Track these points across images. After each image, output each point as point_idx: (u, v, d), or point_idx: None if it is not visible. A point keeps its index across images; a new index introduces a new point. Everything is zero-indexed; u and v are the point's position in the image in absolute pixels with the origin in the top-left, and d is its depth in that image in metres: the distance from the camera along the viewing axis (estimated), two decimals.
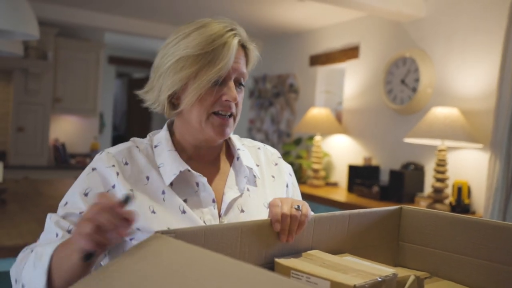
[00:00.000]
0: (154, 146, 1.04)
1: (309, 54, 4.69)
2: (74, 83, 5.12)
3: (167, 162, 1.00)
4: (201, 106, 0.97)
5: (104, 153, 1.01)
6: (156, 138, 1.06)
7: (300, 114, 4.71)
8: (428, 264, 1.00)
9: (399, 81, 3.61)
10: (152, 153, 1.03)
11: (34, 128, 4.85)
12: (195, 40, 0.95)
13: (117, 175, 0.97)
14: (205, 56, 0.94)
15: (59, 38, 4.97)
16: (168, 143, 1.03)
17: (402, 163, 3.56)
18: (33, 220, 2.03)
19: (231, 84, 0.98)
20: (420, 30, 3.52)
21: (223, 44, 0.95)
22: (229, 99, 0.97)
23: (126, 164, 0.99)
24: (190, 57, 0.95)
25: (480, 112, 3.05)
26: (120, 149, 1.02)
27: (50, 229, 0.95)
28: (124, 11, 4.58)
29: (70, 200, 0.97)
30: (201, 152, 1.06)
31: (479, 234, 0.94)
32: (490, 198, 2.81)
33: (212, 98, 0.97)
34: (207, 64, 0.94)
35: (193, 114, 0.99)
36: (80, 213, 0.94)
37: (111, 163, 0.98)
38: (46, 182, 3.34)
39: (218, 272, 0.52)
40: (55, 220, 0.95)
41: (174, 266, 0.54)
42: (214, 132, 0.98)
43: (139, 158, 1.01)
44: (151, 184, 0.98)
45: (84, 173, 1.00)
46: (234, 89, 0.98)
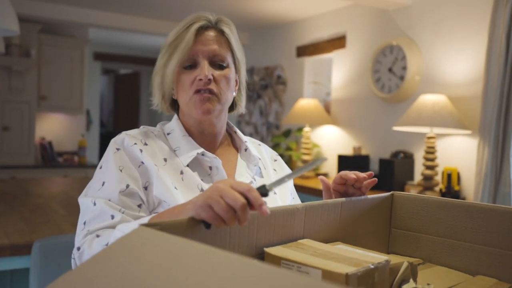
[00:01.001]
0: (166, 133, 1.12)
1: (296, 45, 4.66)
2: (59, 81, 5.04)
3: (183, 145, 1.08)
4: (183, 91, 1.07)
5: (123, 134, 1.06)
6: (167, 127, 1.14)
7: (289, 105, 4.69)
8: (421, 250, 0.99)
9: (387, 69, 3.60)
10: (166, 139, 1.10)
11: (20, 127, 4.77)
12: (172, 32, 1.08)
13: (141, 152, 1.02)
14: (172, 44, 1.06)
15: (42, 35, 4.88)
16: (181, 129, 1.11)
17: (391, 152, 3.57)
18: (20, 219, 1.99)
19: (203, 64, 1.05)
20: (407, 18, 3.51)
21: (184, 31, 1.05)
22: (201, 77, 1.03)
23: (145, 144, 1.05)
24: (164, 47, 1.09)
25: (468, 98, 3.06)
26: (137, 132, 1.08)
27: (102, 212, 0.95)
28: (108, 6, 4.51)
29: (108, 179, 0.99)
30: (207, 140, 1.13)
31: (471, 218, 0.93)
32: (479, 184, 2.82)
33: (189, 81, 1.05)
34: (174, 50, 1.05)
35: (181, 101, 1.09)
36: (127, 187, 0.97)
37: (132, 141, 1.04)
38: (34, 182, 3.29)
39: (206, 264, 0.50)
40: (104, 202, 0.96)
41: (159, 260, 0.52)
42: (197, 109, 1.05)
43: (156, 141, 1.08)
44: (169, 165, 1.04)
45: (109, 155, 1.03)
46: (206, 67, 1.04)
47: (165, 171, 1.02)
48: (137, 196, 0.99)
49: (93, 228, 0.94)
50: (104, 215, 0.95)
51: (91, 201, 0.98)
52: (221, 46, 1.08)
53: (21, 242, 1.65)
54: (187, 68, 1.06)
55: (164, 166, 1.03)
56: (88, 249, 0.91)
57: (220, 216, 0.70)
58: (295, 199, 1.27)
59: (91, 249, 0.90)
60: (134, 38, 6.14)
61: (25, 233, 1.77)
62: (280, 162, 1.27)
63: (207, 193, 0.72)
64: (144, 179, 1.01)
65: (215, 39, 1.07)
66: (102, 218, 0.95)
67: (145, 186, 1.01)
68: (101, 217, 0.95)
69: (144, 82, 7.80)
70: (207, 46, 1.06)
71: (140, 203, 0.99)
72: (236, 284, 0.46)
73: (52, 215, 2.12)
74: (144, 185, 1.01)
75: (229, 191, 0.70)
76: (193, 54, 1.05)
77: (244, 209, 0.69)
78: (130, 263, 0.52)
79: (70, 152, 5.32)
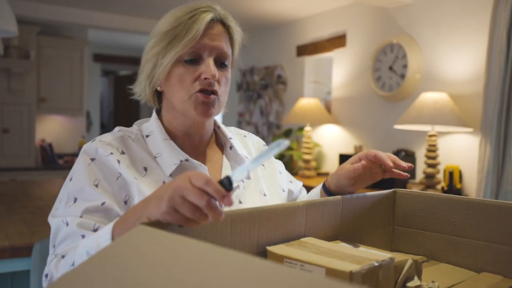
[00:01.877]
0: (145, 136, 0.99)
1: (296, 44, 4.65)
2: (58, 82, 5.03)
3: (165, 151, 0.96)
4: (181, 87, 0.95)
5: (97, 141, 0.94)
6: (145, 128, 1.01)
7: (289, 105, 4.68)
8: (424, 247, 0.98)
9: (387, 68, 3.59)
10: (145, 143, 0.98)
11: (20, 129, 4.76)
12: (167, 19, 0.96)
13: (118, 163, 0.92)
14: (172, 31, 0.93)
15: (41, 37, 4.88)
16: (162, 132, 0.99)
17: (393, 150, 3.55)
18: (20, 221, 1.98)
19: (209, 61, 0.94)
20: (407, 16, 3.50)
21: (191, 18, 0.93)
22: (207, 76, 0.93)
23: (122, 153, 0.94)
24: (159, 33, 0.95)
25: (469, 96, 3.05)
26: (114, 137, 0.96)
27: (72, 233, 0.85)
28: (107, 7, 4.51)
29: (80, 195, 0.89)
30: (192, 141, 1.02)
31: (475, 215, 0.92)
32: (481, 182, 2.81)
33: (191, 77, 0.94)
34: (174, 38, 0.93)
35: (175, 97, 0.96)
36: (102, 204, 0.87)
37: (108, 151, 0.92)
38: (34, 184, 3.28)
39: (207, 263, 0.49)
40: (75, 222, 0.86)
41: (159, 258, 0.51)
42: (197, 111, 0.95)
43: (134, 147, 0.96)
44: (150, 175, 0.94)
45: (82, 165, 0.92)
46: (212, 66, 0.94)
47: (146, 183, 0.92)
48: (114, 213, 0.89)
49: (60, 252, 0.85)
50: (74, 237, 0.85)
51: (62, 221, 0.87)
52: (227, 43, 0.98)
53: (21, 244, 1.64)
54: (188, 62, 0.94)
55: (145, 177, 0.93)
56: (55, 273, 0.82)
57: (189, 218, 0.64)
58: (294, 182, 1.19)
59: (59, 271, 0.82)
60: (134, 39, 6.13)
61: (26, 235, 1.76)
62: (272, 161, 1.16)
63: (168, 194, 0.65)
64: (124, 193, 0.91)
65: (222, 35, 0.97)
66: (72, 240, 0.86)
67: (125, 200, 0.91)
68: (71, 239, 0.86)
69: None
70: (215, 41, 0.95)
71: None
72: (238, 283, 0.45)
73: None
74: (124, 199, 0.91)
75: (190, 189, 0.63)
76: (199, 48, 0.94)
77: (210, 206, 0.62)
78: (130, 262, 0.51)
79: (70, 154, 5.31)
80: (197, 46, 0.93)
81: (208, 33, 0.94)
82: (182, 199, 0.63)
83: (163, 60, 0.94)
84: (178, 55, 0.93)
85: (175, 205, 0.64)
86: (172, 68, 0.95)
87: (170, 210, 0.64)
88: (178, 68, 0.95)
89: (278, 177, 1.13)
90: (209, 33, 0.94)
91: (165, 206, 0.64)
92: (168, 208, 0.64)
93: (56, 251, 0.87)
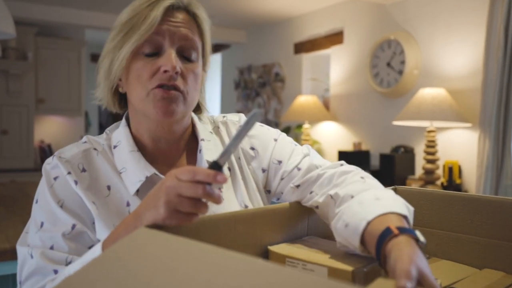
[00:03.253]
0: (113, 146, 0.88)
1: (293, 42, 4.65)
2: (56, 83, 5.02)
3: (130, 166, 0.84)
4: (139, 83, 0.82)
5: (56, 158, 0.84)
6: (114, 137, 0.90)
7: (287, 102, 4.68)
8: (426, 244, 0.98)
9: (385, 64, 3.59)
10: (111, 156, 0.87)
11: (19, 130, 4.75)
12: (127, 8, 0.85)
13: (75, 184, 0.81)
14: (129, 22, 0.82)
15: (38, 38, 4.87)
16: (129, 142, 0.87)
17: (392, 147, 3.56)
18: (21, 223, 1.98)
19: (169, 52, 0.81)
20: (404, 12, 3.50)
21: (148, 6, 0.81)
22: (167, 68, 0.80)
23: (83, 171, 0.83)
24: (117, 26, 0.85)
25: (467, 91, 3.05)
26: (75, 152, 0.85)
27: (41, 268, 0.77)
28: (104, 7, 4.50)
29: (47, 219, 0.80)
30: (163, 149, 0.90)
31: (476, 211, 0.92)
32: (481, 177, 2.82)
33: (149, 72, 0.82)
34: (131, 29, 0.81)
35: (134, 96, 0.84)
36: (73, 227, 0.79)
37: (66, 169, 0.82)
38: (34, 185, 3.27)
39: (210, 264, 0.49)
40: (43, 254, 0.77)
41: (163, 260, 0.51)
42: (156, 109, 0.82)
43: (98, 163, 0.85)
44: (113, 195, 0.83)
45: (45, 187, 0.83)
46: (174, 57, 0.81)
47: (107, 206, 0.82)
48: (86, 236, 0.80)
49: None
50: (43, 272, 0.77)
51: (28, 252, 0.79)
52: (193, 33, 0.85)
53: None
54: (147, 55, 0.82)
55: (107, 197, 0.83)
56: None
57: (191, 213, 0.63)
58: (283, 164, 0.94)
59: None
60: None
61: None
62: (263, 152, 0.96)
63: (162, 199, 0.62)
64: (91, 214, 0.82)
65: (187, 23, 0.84)
66: (42, 275, 0.77)
67: (93, 221, 0.82)
68: (40, 274, 0.77)
69: None
70: (177, 28, 0.82)
71: (92, 244, 0.80)
72: (242, 284, 0.45)
73: None
74: (92, 220, 0.82)
75: (181, 185, 0.61)
76: (158, 37, 0.82)
77: (207, 193, 0.61)
78: (134, 264, 0.51)
79: None
80: (156, 35, 0.81)
81: (168, 20, 0.82)
82: (179, 197, 0.62)
83: (119, 54, 0.83)
84: (135, 46, 0.81)
85: (174, 206, 0.62)
86: (131, 63, 0.83)
87: (171, 213, 0.63)
88: (137, 62, 0.83)
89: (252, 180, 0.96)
90: (169, 20, 0.82)
91: (164, 211, 0.63)
92: (168, 211, 0.62)
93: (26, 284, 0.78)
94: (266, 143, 0.96)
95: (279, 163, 0.93)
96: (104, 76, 0.87)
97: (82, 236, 0.80)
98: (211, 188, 0.62)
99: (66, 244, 0.78)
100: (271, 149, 0.95)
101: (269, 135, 0.98)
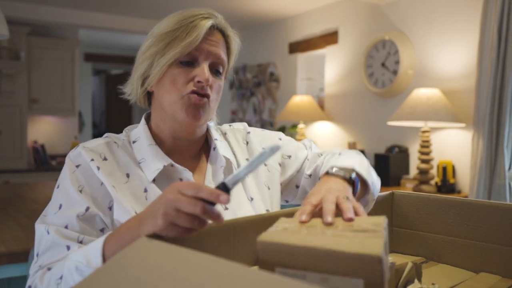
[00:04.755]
0: (132, 141, 0.99)
1: (288, 41, 4.65)
2: (50, 83, 4.99)
3: (148, 157, 0.95)
4: (172, 87, 0.93)
5: (80, 148, 0.94)
6: (133, 134, 1.00)
7: (282, 102, 4.69)
8: (423, 248, 0.99)
9: (380, 64, 3.60)
10: (131, 149, 0.97)
11: (12, 130, 4.72)
12: (167, 21, 0.95)
13: (97, 169, 0.91)
14: (172, 33, 0.93)
15: (31, 37, 4.84)
16: (148, 137, 0.98)
17: (386, 147, 3.57)
18: (16, 226, 1.97)
19: (204, 65, 0.94)
20: (399, 12, 3.51)
21: (192, 23, 0.93)
22: (201, 79, 0.92)
23: (105, 159, 0.93)
24: (158, 35, 0.94)
25: (461, 92, 3.07)
26: (98, 143, 0.96)
27: (56, 243, 0.85)
28: (97, 7, 4.48)
29: (65, 201, 0.89)
30: (180, 146, 1.00)
31: (472, 215, 0.93)
32: (475, 177, 2.84)
33: (184, 79, 0.93)
34: (173, 40, 0.92)
35: (166, 98, 0.95)
36: (87, 210, 0.87)
37: (90, 157, 0.92)
38: (29, 187, 3.26)
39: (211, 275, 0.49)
40: (59, 231, 0.85)
41: (165, 270, 0.51)
42: (186, 113, 0.93)
43: (118, 153, 0.95)
44: (132, 182, 0.92)
45: (67, 172, 0.92)
46: (207, 70, 0.93)
47: (126, 191, 0.91)
48: (98, 219, 0.88)
49: (45, 263, 0.85)
50: (58, 247, 0.84)
51: (45, 229, 0.87)
52: (224, 52, 0.98)
53: (18, 250, 1.64)
54: (184, 64, 0.94)
55: (126, 184, 0.92)
56: (39, 285, 0.81)
57: (189, 228, 0.65)
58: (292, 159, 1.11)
59: (43, 284, 0.80)
60: (125, 38, 6.10)
61: (22, 240, 1.75)
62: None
63: (161, 211, 0.65)
64: (108, 199, 0.90)
65: (220, 43, 0.98)
66: (57, 250, 0.84)
67: (109, 206, 0.90)
68: (55, 249, 0.84)
69: None
70: (213, 47, 0.95)
71: (103, 227, 0.89)
72: None
73: None
74: (109, 205, 0.90)
75: (182, 200, 0.63)
76: (197, 52, 0.93)
77: (206, 212, 0.63)
78: (138, 275, 0.51)
79: (63, 155, 5.28)
80: (195, 50, 0.93)
81: (207, 38, 0.94)
82: (177, 211, 0.63)
83: (160, 60, 0.93)
84: (176, 56, 0.92)
85: (171, 219, 0.64)
86: (167, 69, 0.94)
87: (167, 225, 0.64)
88: (173, 69, 0.94)
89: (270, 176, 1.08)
90: (208, 38, 0.94)
91: (161, 223, 0.64)
92: (165, 223, 0.64)
93: (40, 262, 0.86)
94: (273, 143, 1.10)
95: (289, 157, 1.10)
96: (139, 76, 0.98)
97: (94, 218, 0.88)
98: (211, 207, 0.63)
99: (79, 225, 0.86)
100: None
101: (274, 135, 1.14)
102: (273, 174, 1.07)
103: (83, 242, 0.85)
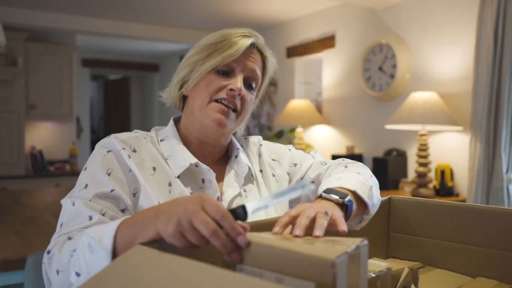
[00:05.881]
0: (160, 140, 1.05)
1: (286, 45, 4.66)
2: (47, 89, 4.99)
3: (176, 154, 1.01)
4: (205, 91, 1.00)
5: (112, 137, 0.99)
6: (161, 133, 1.07)
7: (280, 106, 4.69)
8: (420, 253, 0.99)
9: (377, 68, 3.61)
10: (158, 146, 1.04)
11: (9, 136, 4.71)
12: (213, 35, 1.03)
13: (128, 158, 0.96)
14: (215, 45, 1.00)
15: (28, 43, 4.84)
16: (176, 136, 1.05)
17: (384, 150, 3.57)
18: (13, 233, 1.96)
19: (239, 77, 1.00)
20: (395, 16, 3.52)
21: (235, 38, 1.01)
22: (234, 88, 0.98)
23: (134, 151, 0.98)
24: (202, 45, 1.02)
25: (458, 95, 3.07)
26: (128, 136, 1.01)
27: (80, 212, 0.88)
28: (94, 12, 4.48)
29: (91, 182, 0.93)
30: (205, 150, 1.06)
31: (469, 220, 0.93)
32: (473, 180, 2.84)
33: (217, 85, 1.00)
34: (216, 50, 1.00)
35: (197, 100, 1.01)
36: (111, 191, 0.92)
37: (121, 146, 0.97)
38: (26, 193, 3.25)
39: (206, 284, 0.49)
40: (84, 203, 0.89)
41: (159, 280, 0.51)
42: (212, 119, 0.99)
43: (147, 147, 1.01)
44: (158, 174, 0.98)
45: (98, 156, 0.96)
46: (240, 81, 1.00)
47: (152, 182, 0.96)
48: (121, 201, 0.93)
49: (67, 230, 0.87)
50: (81, 216, 0.88)
51: (71, 202, 0.91)
52: (259, 69, 1.06)
53: (14, 257, 1.62)
54: (220, 72, 1.01)
55: (152, 176, 0.97)
56: (58, 253, 0.82)
57: (194, 244, 0.63)
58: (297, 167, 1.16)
59: (61, 254, 0.82)
60: (122, 44, 6.10)
61: (18, 247, 1.75)
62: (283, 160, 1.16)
63: (176, 217, 0.64)
64: (133, 185, 0.96)
65: (258, 61, 1.05)
66: (79, 219, 0.88)
67: (134, 192, 0.96)
68: (78, 218, 0.88)
69: (134, 87, 7.75)
70: (250, 62, 1.03)
71: (124, 208, 0.93)
72: None
73: (45, 227, 2.09)
74: (133, 191, 0.96)
75: (199, 216, 0.62)
76: (234, 64, 1.01)
77: (215, 236, 0.61)
78: (130, 284, 0.51)
79: (61, 161, 5.27)
80: (234, 62, 1.00)
81: (246, 54, 1.02)
82: (190, 225, 0.62)
83: (200, 67, 1.00)
84: (215, 65, 0.99)
85: (182, 230, 0.63)
86: (205, 75, 1.01)
87: (176, 234, 0.63)
88: (210, 75, 1.00)
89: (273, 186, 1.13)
90: (247, 54, 1.02)
91: (172, 229, 0.63)
92: (175, 231, 0.63)
93: (63, 230, 0.88)
94: (283, 153, 1.17)
95: (294, 165, 1.15)
96: (178, 81, 1.05)
97: (117, 200, 0.92)
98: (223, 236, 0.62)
99: (102, 200, 0.91)
100: (288, 157, 1.17)
101: (283, 147, 1.20)
102: (282, 184, 1.13)
103: (105, 215, 0.89)
